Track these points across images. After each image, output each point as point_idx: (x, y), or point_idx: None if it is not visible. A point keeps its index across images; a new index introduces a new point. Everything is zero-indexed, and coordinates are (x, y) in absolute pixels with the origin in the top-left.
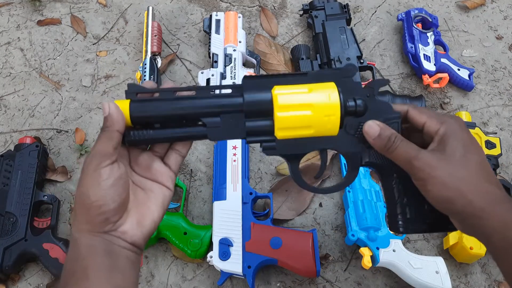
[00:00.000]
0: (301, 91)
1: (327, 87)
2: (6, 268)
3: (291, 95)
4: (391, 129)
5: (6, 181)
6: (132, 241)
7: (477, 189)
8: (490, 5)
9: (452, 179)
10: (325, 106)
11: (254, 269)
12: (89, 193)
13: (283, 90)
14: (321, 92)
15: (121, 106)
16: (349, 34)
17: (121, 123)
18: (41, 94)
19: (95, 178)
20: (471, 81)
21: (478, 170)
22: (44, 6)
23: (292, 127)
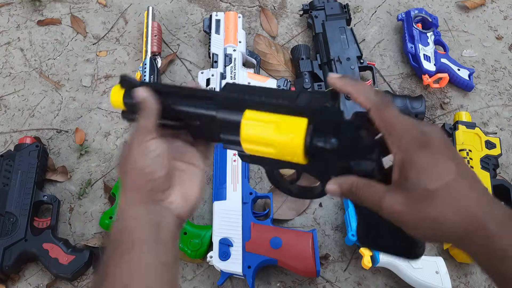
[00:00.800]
0: (267, 126)
1: (294, 127)
2: (6, 268)
3: (258, 127)
4: (349, 178)
5: (6, 181)
6: (177, 213)
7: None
8: (490, 5)
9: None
10: (287, 149)
11: (254, 269)
12: (137, 163)
13: (251, 121)
14: (286, 133)
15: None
16: (349, 34)
17: (154, 103)
18: (41, 94)
19: (142, 150)
20: (471, 81)
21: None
22: (44, 6)
23: (258, 154)
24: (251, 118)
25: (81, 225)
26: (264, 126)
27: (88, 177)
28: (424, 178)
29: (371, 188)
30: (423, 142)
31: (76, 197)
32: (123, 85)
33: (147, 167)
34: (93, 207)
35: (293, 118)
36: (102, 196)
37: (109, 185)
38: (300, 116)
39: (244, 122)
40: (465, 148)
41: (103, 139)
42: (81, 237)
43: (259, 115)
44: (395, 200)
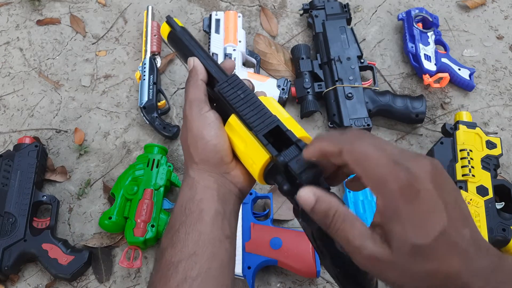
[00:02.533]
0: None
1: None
2: (6, 268)
3: (235, 133)
4: (332, 199)
5: (5, 181)
6: (240, 186)
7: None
8: (491, 5)
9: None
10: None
11: (254, 269)
12: (203, 134)
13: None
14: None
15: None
16: (349, 34)
17: (204, 74)
18: (40, 94)
19: (203, 120)
20: (472, 81)
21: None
22: (43, 5)
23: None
24: (235, 124)
25: (81, 226)
26: (238, 137)
27: (87, 177)
28: (411, 233)
29: (353, 226)
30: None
31: (75, 197)
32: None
33: (212, 139)
34: (92, 207)
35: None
36: (101, 196)
37: (108, 185)
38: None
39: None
40: (465, 148)
41: (103, 139)
42: (80, 238)
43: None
44: (378, 253)
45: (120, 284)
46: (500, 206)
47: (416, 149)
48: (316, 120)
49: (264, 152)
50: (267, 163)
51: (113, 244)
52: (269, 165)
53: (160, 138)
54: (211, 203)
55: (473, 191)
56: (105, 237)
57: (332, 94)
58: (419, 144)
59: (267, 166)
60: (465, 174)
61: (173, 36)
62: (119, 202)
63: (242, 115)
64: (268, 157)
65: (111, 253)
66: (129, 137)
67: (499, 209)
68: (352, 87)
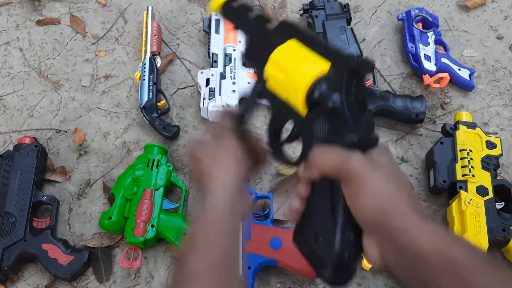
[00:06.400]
0: (296, 54)
1: (315, 63)
2: (5, 268)
3: (286, 53)
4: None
5: (5, 181)
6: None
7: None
8: (491, 5)
9: (384, 189)
10: (294, 79)
11: (254, 269)
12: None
13: (288, 46)
14: (303, 64)
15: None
16: (349, 34)
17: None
18: (40, 94)
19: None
20: (472, 81)
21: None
22: (43, 5)
23: (273, 82)
24: (290, 45)
25: (81, 226)
26: (294, 54)
27: (87, 177)
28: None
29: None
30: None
31: (75, 198)
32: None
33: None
34: (92, 207)
35: (320, 59)
36: (101, 197)
37: (108, 185)
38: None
39: (284, 45)
40: (465, 148)
41: (103, 139)
42: (80, 238)
43: (298, 46)
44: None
45: (120, 284)
46: (500, 206)
47: (416, 149)
48: None
49: (325, 61)
50: (324, 70)
51: (113, 244)
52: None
53: (160, 138)
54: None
55: (473, 191)
56: (105, 237)
57: None
58: (419, 144)
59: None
60: (465, 174)
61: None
62: (119, 202)
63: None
64: (329, 65)
65: (111, 253)
66: (129, 137)
67: (499, 209)
68: None
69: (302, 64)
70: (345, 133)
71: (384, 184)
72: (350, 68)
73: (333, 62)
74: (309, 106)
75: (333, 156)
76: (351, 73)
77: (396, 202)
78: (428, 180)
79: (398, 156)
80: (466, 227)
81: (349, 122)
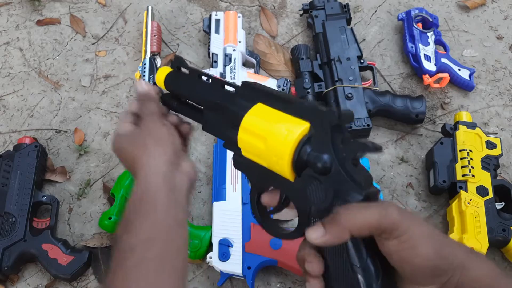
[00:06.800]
0: (269, 118)
1: (293, 126)
2: (5, 268)
3: (258, 120)
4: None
5: (5, 182)
6: (190, 177)
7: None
8: (491, 5)
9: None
10: (276, 146)
11: (254, 269)
12: (161, 131)
13: (257, 111)
14: (282, 130)
15: (161, 72)
16: (349, 34)
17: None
18: (40, 94)
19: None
20: (472, 81)
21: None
22: (43, 6)
23: (249, 151)
24: (259, 110)
25: (80, 226)
26: (266, 118)
27: (87, 177)
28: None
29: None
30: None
31: (75, 198)
32: (173, 65)
33: (170, 134)
34: (92, 207)
35: (297, 119)
36: (101, 197)
37: (108, 185)
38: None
39: (252, 111)
40: (465, 148)
41: (102, 139)
42: (80, 238)
43: (268, 110)
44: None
45: None
46: (500, 206)
47: (416, 149)
48: None
49: (302, 121)
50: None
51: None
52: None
53: None
54: (163, 194)
55: (473, 191)
56: (105, 237)
57: (332, 94)
58: (419, 144)
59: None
60: (465, 174)
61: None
62: (119, 202)
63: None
64: (309, 125)
65: (111, 253)
66: None
67: (499, 209)
68: (352, 87)
69: (280, 129)
70: (347, 193)
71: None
72: (335, 124)
73: (313, 120)
74: (297, 171)
75: (370, 212)
76: (335, 128)
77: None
78: (428, 180)
79: (398, 156)
80: (466, 227)
81: (347, 180)
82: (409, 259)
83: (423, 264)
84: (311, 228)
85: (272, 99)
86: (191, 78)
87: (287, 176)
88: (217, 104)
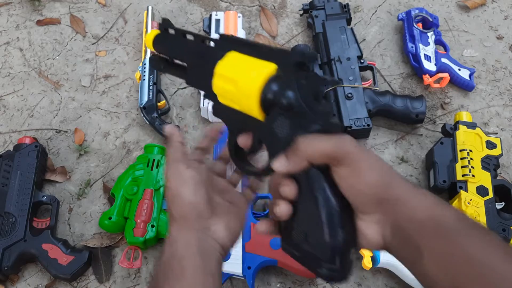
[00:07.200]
0: (240, 63)
1: (260, 68)
2: (5, 268)
3: (232, 64)
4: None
5: (5, 182)
6: (222, 242)
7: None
8: (491, 5)
9: (379, 164)
10: (245, 87)
11: (254, 269)
12: (180, 191)
13: (230, 59)
14: (250, 72)
15: (150, 34)
16: (349, 34)
17: (180, 136)
18: (40, 94)
19: (180, 178)
20: (472, 81)
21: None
22: (43, 6)
23: (224, 96)
24: (232, 56)
25: (81, 226)
26: (237, 63)
27: (87, 177)
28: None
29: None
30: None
31: (75, 198)
32: (160, 27)
33: (189, 195)
34: (92, 207)
35: (265, 62)
36: (101, 197)
37: (108, 185)
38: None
39: (225, 58)
40: (465, 148)
41: (103, 139)
42: (80, 238)
43: (239, 56)
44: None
45: (120, 284)
46: (500, 206)
47: (416, 149)
48: None
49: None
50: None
51: (113, 244)
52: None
53: (160, 138)
54: (192, 260)
55: (473, 191)
56: (105, 237)
57: (332, 94)
58: (419, 144)
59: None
60: (465, 174)
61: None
62: (119, 202)
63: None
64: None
65: (111, 253)
66: (129, 137)
67: (499, 209)
68: (352, 87)
69: (249, 71)
70: (307, 125)
71: (377, 159)
72: (297, 62)
73: (278, 61)
74: (266, 110)
75: (326, 141)
76: (298, 67)
77: (391, 174)
78: (428, 180)
79: (398, 156)
80: None
81: (308, 113)
82: (355, 185)
83: (366, 191)
84: (276, 159)
85: (244, 47)
86: (176, 37)
87: (257, 116)
88: (197, 56)
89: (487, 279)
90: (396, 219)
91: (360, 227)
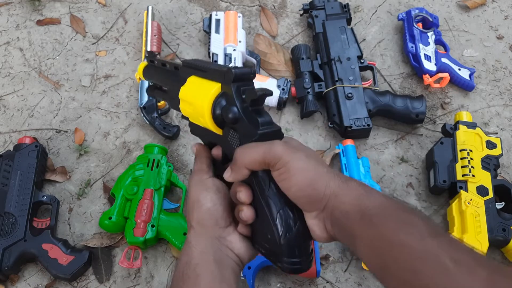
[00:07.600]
0: (196, 87)
1: (210, 89)
2: (6, 268)
3: (188, 89)
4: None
5: (6, 182)
6: (238, 253)
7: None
8: (491, 5)
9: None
10: (199, 107)
11: (254, 270)
12: (199, 198)
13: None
14: (200, 93)
15: (141, 65)
16: (349, 34)
17: (206, 151)
18: (40, 94)
19: (201, 186)
20: (472, 81)
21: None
22: (43, 5)
23: (190, 117)
24: (190, 81)
25: (81, 226)
26: (194, 87)
27: (87, 177)
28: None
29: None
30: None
31: (75, 198)
32: (147, 59)
33: (207, 202)
34: (92, 207)
35: (212, 82)
36: (101, 197)
37: (108, 185)
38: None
39: (186, 84)
40: (465, 148)
41: (103, 139)
42: (80, 238)
43: (196, 80)
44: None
45: (120, 284)
46: (500, 206)
47: (416, 149)
48: (316, 120)
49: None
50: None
51: (113, 244)
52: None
53: (160, 138)
54: (207, 267)
55: (473, 191)
56: (105, 237)
57: (332, 94)
58: (419, 144)
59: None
60: (465, 174)
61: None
62: (119, 202)
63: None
64: (219, 85)
65: (111, 253)
66: (129, 137)
67: (499, 209)
68: (352, 87)
69: (200, 93)
70: (248, 135)
71: (306, 160)
72: (233, 80)
73: (221, 80)
74: (220, 126)
75: (257, 149)
76: (237, 83)
77: (320, 173)
78: (428, 180)
79: (398, 156)
80: (466, 227)
81: (248, 124)
82: (288, 188)
83: (297, 193)
84: (225, 170)
85: (199, 70)
86: (157, 67)
87: (215, 131)
88: (170, 83)
89: (407, 258)
90: (333, 213)
91: (308, 222)
